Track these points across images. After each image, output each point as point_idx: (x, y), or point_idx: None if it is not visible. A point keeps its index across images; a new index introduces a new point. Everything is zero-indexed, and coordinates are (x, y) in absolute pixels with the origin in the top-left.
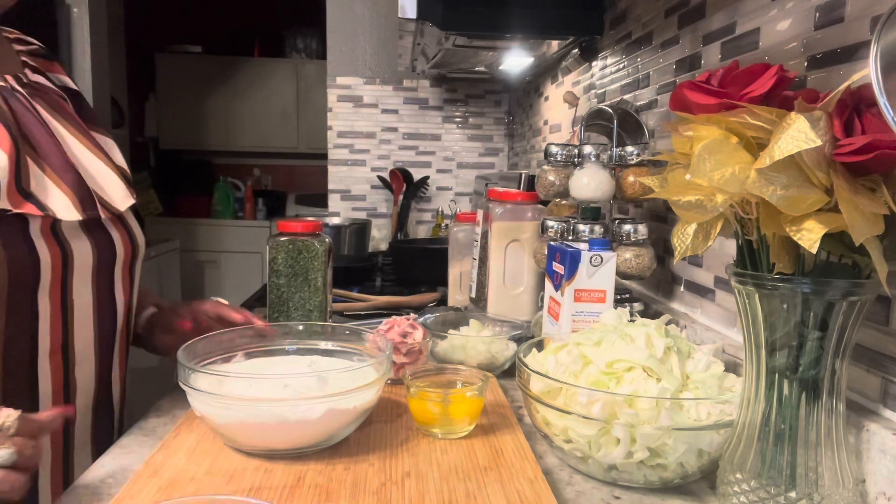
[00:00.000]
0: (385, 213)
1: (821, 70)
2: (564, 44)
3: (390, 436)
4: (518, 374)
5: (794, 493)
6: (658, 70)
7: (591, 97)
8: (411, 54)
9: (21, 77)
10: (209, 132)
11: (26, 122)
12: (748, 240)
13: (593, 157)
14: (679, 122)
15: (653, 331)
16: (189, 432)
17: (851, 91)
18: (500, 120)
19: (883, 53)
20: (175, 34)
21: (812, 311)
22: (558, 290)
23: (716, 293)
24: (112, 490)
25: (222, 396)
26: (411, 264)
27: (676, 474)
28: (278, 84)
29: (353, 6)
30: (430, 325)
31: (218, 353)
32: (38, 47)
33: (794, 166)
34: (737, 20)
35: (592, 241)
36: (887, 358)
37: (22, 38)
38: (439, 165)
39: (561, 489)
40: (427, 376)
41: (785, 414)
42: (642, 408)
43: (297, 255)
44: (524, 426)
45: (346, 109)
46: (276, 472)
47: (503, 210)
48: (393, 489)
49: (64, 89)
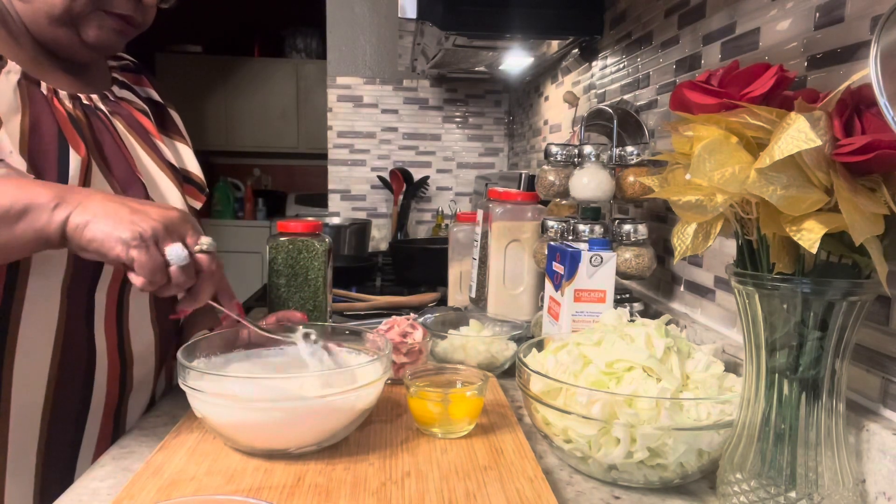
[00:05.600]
0: (385, 213)
1: (821, 70)
2: (564, 44)
3: (390, 436)
4: (518, 374)
5: (794, 493)
6: (658, 70)
7: (591, 97)
8: (411, 54)
9: (108, 95)
10: (209, 132)
11: (102, 137)
12: (748, 240)
13: (593, 157)
14: (679, 122)
15: (653, 331)
16: (189, 432)
17: (851, 91)
18: (500, 120)
19: (883, 53)
20: (175, 34)
21: (812, 311)
22: (558, 290)
23: (716, 293)
24: (112, 490)
25: (222, 396)
26: (411, 264)
27: (676, 474)
28: (278, 84)
29: (353, 6)
30: (430, 325)
31: (218, 352)
32: (128, 62)
33: (794, 166)
34: (737, 20)
35: (592, 241)
36: (887, 358)
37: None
38: (439, 165)
39: (561, 489)
40: (427, 376)
41: (785, 414)
42: (642, 408)
43: (297, 255)
44: (524, 426)
45: (346, 109)
46: (276, 472)
47: (503, 210)
48: (393, 489)
49: (148, 101)
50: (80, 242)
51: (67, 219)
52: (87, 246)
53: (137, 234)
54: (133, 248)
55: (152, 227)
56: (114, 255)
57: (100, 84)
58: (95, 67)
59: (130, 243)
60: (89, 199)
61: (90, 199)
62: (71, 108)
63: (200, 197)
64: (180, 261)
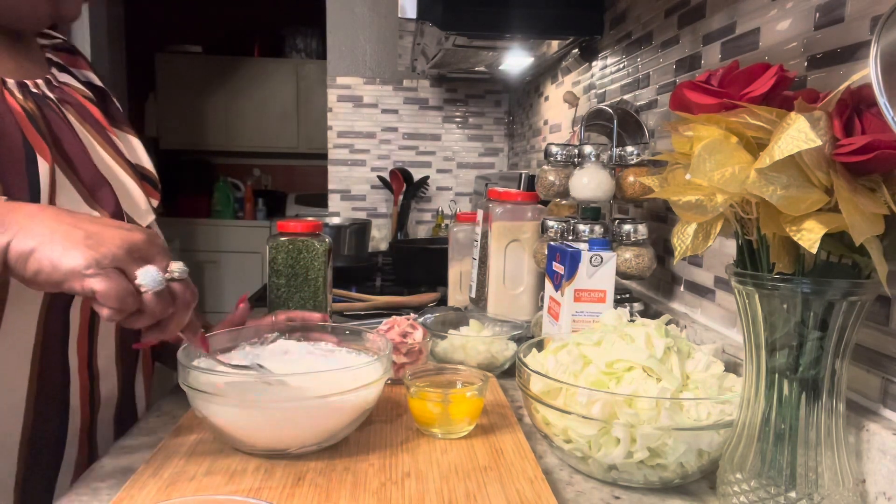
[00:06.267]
0: (385, 213)
1: (821, 70)
2: (564, 44)
3: (390, 436)
4: (518, 374)
5: (794, 493)
6: (658, 70)
7: (591, 97)
8: (411, 54)
9: (50, 79)
10: (209, 132)
11: (61, 133)
12: (748, 240)
13: (593, 157)
14: (679, 122)
15: (653, 331)
16: (189, 432)
17: (851, 91)
18: (500, 120)
19: (883, 53)
20: (175, 34)
21: (812, 311)
22: (558, 290)
23: (716, 293)
24: (112, 490)
25: (222, 396)
26: (411, 264)
27: (676, 474)
28: (278, 84)
29: (353, 6)
30: (430, 325)
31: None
32: (61, 41)
33: (794, 166)
34: (737, 20)
35: (592, 241)
36: (887, 358)
37: (45, 32)
38: (439, 165)
39: (561, 489)
40: (427, 376)
41: (785, 414)
42: (642, 408)
43: (297, 255)
44: (524, 426)
45: (346, 109)
46: (276, 472)
47: (503, 210)
48: (393, 489)
49: (90, 86)
50: (25, 274)
51: (8, 247)
52: (33, 278)
53: (93, 261)
54: (89, 277)
55: (112, 252)
56: (67, 288)
57: (39, 67)
58: (29, 46)
59: (85, 272)
60: (33, 219)
61: (34, 221)
62: (22, 100)
63: (156, 194)
64: (156, 285)
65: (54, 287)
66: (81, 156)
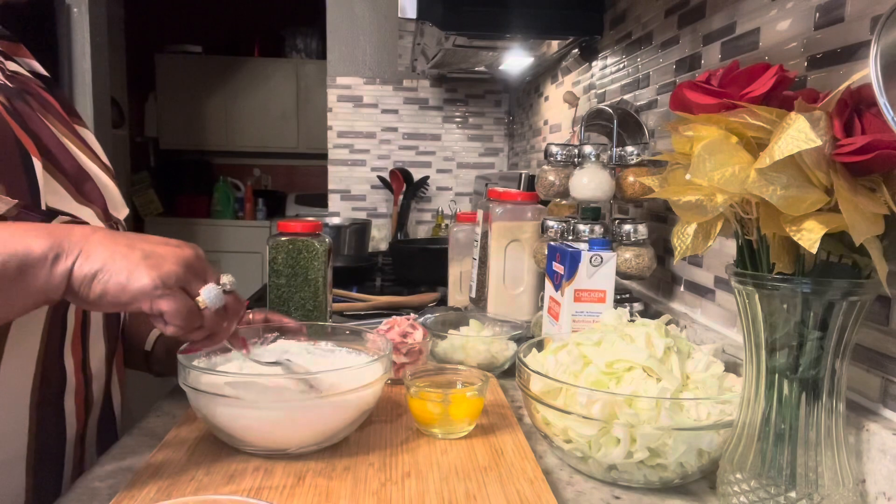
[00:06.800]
0: (385, 213)
1: (821, 70)
2: (564, 44)
3: (390, 436)
4: (518, 374)
5: (794, 493)
6: (658, 70)
7: (591, 97)
8: (411, 54)
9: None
10: (209, 132)
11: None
12: (748, 240)
13: (593, 157)
14: (679, 122)
15: (653, 331)
16: (189, 432)
17: (851, 91)
18: (500, 120)
19: (883, 53)
20: (175, 34)
21: (812, 311)
22: (558, 290)
23: (716, 293)
24: (112, 490)
25: (222, 396)
26: (411, 264)
27: (676, 474)
28: (278, 84)
29: (353, 6)
30: (430, 325)
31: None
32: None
33: (794, 166)
34: (737, 20)
35: (592, 241)
36: (887, 358)
37: None
38: (439, 165)
39: (561, 489)
40: (427, 376)
41: (785, 414)
42: (642, 408)
43: (297, 255)
44: (524, 426)
45: (346, 109)
46: (276, 472)
47: (503, 210)
48: (393, 489)
49: (36, 76)
50: (89, 297)
51: (71, 272)
52: (97, 301)
53: (159, 282)
54: (157, 297)
55: (174, 271)
56: (133, 308)
57: None
58: None
59: (153, 294)
60: (89, 241)
61: (90, 243)
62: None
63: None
64: (218, 302)
65: (118, 308)
66: (61, 150)
